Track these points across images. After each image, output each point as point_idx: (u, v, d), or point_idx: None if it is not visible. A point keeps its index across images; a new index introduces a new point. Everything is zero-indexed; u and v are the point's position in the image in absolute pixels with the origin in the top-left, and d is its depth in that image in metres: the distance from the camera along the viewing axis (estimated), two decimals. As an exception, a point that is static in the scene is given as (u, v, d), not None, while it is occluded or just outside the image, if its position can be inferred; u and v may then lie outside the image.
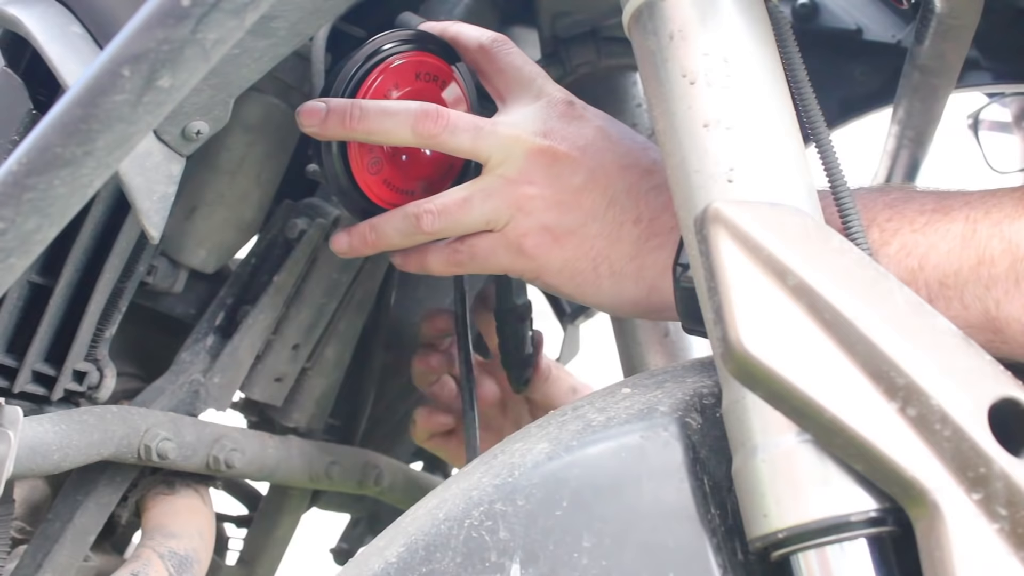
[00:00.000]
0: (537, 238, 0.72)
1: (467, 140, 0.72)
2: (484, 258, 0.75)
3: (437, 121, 0.72)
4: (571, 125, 0.73)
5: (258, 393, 0.90)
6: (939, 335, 0.48)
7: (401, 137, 0.73)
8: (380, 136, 0.73)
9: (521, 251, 0.72)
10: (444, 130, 0.72)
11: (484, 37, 0.79)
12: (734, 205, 0.49)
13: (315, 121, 0.73)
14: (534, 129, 0.73)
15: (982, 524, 0.45)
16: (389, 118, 0.73)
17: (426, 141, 0.73)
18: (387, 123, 0.73)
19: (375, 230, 0.76)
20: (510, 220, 0.72)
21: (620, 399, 0.58)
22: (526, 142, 0.72)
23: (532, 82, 0.76)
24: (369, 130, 0.73)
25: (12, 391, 0.73)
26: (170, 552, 0.79)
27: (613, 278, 0.71)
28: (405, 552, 0.54)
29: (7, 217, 0.42)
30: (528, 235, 0.72)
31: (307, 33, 0.66)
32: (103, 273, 0.74)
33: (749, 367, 0.46)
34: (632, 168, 0.71)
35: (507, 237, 0.73)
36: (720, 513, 0.53)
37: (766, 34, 0.57)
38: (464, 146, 0.73)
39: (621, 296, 0.71)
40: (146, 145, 0.63)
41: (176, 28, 0.40)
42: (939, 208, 0.58)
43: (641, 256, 0.70)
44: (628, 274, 0.70)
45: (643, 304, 0.71)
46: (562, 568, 0.51)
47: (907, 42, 0.96)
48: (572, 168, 0.71)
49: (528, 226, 0.72)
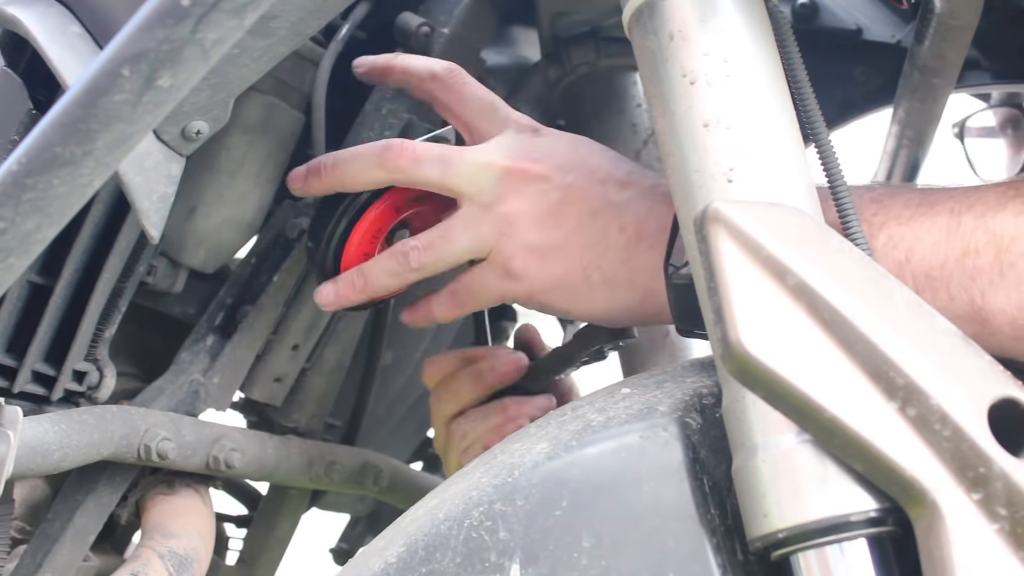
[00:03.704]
0: (523, 258, 0.71)
1: (435, 172, 0.72)
2: (479, 291, 0.75)
3: (402, 153, 0.72)
4: (540, 146, 0.73)
5: (258, 393, 0.90)
6: (939, 335, 0.48)
7: (371, 175, 0.74)
8: (352, 178, 0.74)
9: (510, 274, 0.72)
10: (411, 162, 0.72)
11: (436, 66, 0.78)
12: (734, 205, 0.49)
13: (299, 183, 0.77)
14: (504, 152, 0.72)
15: (982, 524, 0.45)
16: (356, 160, 0.74)
17: (394, 175, 0.73)
18: (355, 165, 0.74)
19: (363, 275, 0.76)
20: (494, 245, 0.72)
21: (620, 399, 0.58)
22: (497, 166, 0.72)
23: (496, 109, 0.76)
24: (343, 176, 0.74)
25: (12, 391, 0.73)
26: (170, 552, 0.79)
27: (606, 286, 0.70)
28: (405, 552, 0.54)
29: (7, 217, 0.42)
30: (514, 257, 0.71)
31: (307, 33, 0.66)
32: (103, 273, 0.74)
33: (749, 367, 0.46)
34: (607, 182, 0.71)
35: (494, 263, 0.72)
36: (720, 513, 0.53)
37: (766, 34, 0.57)
38: (432, 178, 0.73)
39: (616, 304, 0.71)
40: (146, 145, 0.63)
41: (176, 28, 0.40)
42: (924, 202, 0.59)
43: (632, 260, 0.69)
44: (621, 280, 0.70)
45: (638, 310, 0.70)
46: (562, 568, 0.51)
47: (907, 42, 0.96)
48: (547, 186, 0.71)
49: (513, 248, 0.71)
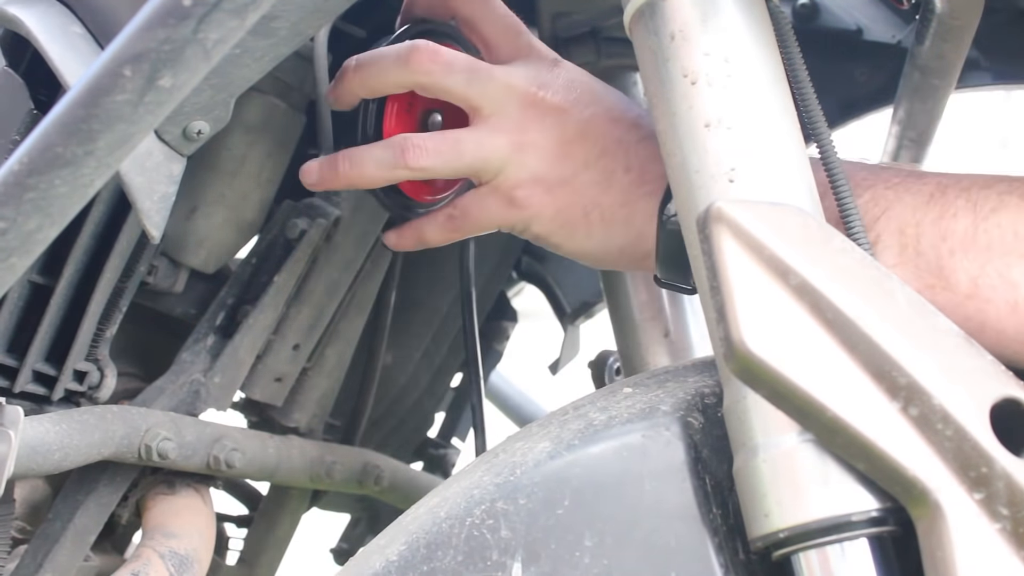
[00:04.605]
0: (529, 189, 0.72)
1: (461, 82, 0.72)
2: (477, 215, 0.74)
3: (432, 56, 0.71)
4: (561, 79, 0.73)
5: (259, 393, 0.90)
6: (941, 335, 0.48)
7: (396, 75, 0.72)
8: (376, 79, 0.73)
9: (512, 202, 0.72)
10: (439, 66, 0.71)
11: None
12: (736, 204, 0.49)
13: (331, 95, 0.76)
14: (527, 79, 0.72)
15: (983, 524, 0.45)
16: (382, 59, 0.73)
17: (420, 78, 0.72)
18: (381, 64, 0.73)
19: (351, 159, 0.74)
20: (501, 170, 0.72)
21: (622, 398, 0.58)
22: (521, 92, 0.72)
23: (520, 34, 0.76)
24: (365, 77, 0.73)
25: (13, 391, 0.73)
26: (170, 552, 0.79)
27: (603, 224, 0.71)
28: (406, 550, 0.54)
29: (8, 217, 0.42)
30: (520, 186, 0.72)
31: (308, 33, 0.66)
32: (104, 273, 0.74)
33: (751, 366, 0.46)
34: (620, 121, 0.72)
35: (498, 189, 0.73)
36: (722, 513, 0.53)
37: (767, 34, 0.57)
38: (457, 88, 0.72)
39: (610, 242, 0.72)
40: (147, 145, 0.63)
41: (177, 28, 0.40)
42: (913, 174, 0.60)
43: (631, 203, 0.70)
44: (619, 220, 0.71)
45: (629, 251, 0.71)
46: (563, 567, 0.51)
47: (907, 42, 0.96)
48: (564, 119, 0.72)
49: (520, 177, 0.72)
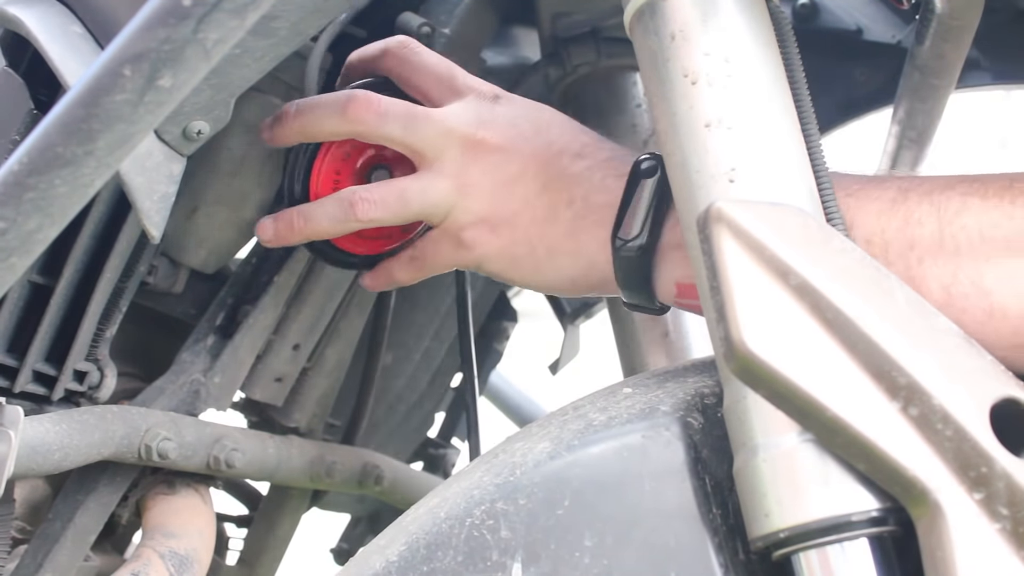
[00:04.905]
0: (475, 230, 0.72)
1: (398, 129, 0.72)
2: (433, 257, 0.75)
3: (367, 106, 0.71)
4: (502, 116, 0.73)
5: (259, 393, 0.90)
6: (940, 335, 0.48)
7: (333, 123, 0.72)
8: (313, 127, 0.73)
9: (461, 244, 0.73)
10: (373, 115, 0.71)
11: (388, 42, 0.77)
12: (736, 204, 0.49)
13: (267, 132, 0.75)
14: (467, 121, 0.72)
15: (983, 524, 0.45)
16: (319, 107, 0.73)
17: (356, 127, 0.72)
18: (318, 112, 0.73)
19: (304, 216, 0.74)
20: (448, 214, 0.73)
21: (621, 399, 0.58)
22: (460, 134, 0.72)
23: (454, 77, 0.75)
24: (303, 123, 0.73)
25: (13, 391, 0.73)
26: (170, 552, 0.79)
27: (551, 258, 0.71)
28: (406, 550, 0.54)
29: (8, 216, 0.42)
30: (466, 228, 0.72)
31: (308, 33, 0.66)
32: (104, 273, 0.74)
33: (751, 366, 0.46)
34: (563, 153, 0.72)
35: (448, 231, 0.73)
36: (722, 513, 0.53)
37: (767, 34, 0.57)
38: (395, 135, 0.72)
39: (560, 274, 0.72)
40: (147, 145, 0.63)
41: (177, 28, 0.40)
42: (873, 180, 0.60)
43: (578, 233, 0.70)
44: (566, 252, 0.71)
45: (582, 281, 0.71)
46: (564, 567, 0.51)
47: (907, 42, 0.96)
48: (506, 158, 0.72)
49: (466, 219, 0.72)
